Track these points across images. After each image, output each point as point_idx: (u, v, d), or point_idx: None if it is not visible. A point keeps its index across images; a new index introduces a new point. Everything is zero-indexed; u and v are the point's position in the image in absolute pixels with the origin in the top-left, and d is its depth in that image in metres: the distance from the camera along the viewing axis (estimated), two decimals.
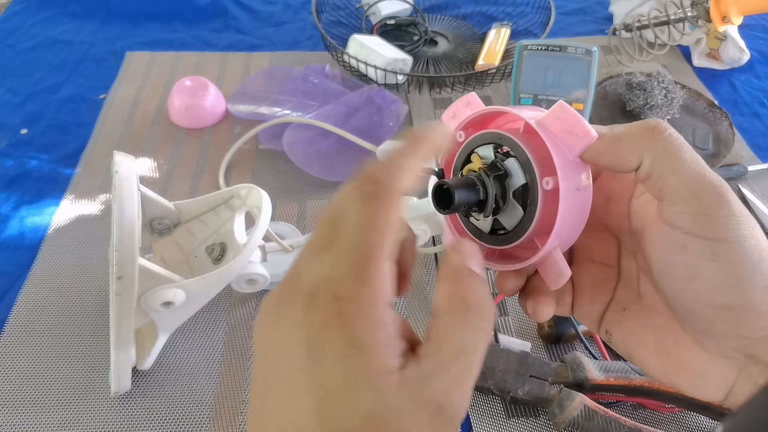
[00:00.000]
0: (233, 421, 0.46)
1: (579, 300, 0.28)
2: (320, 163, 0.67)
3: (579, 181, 0.25)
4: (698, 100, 0.75)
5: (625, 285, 0.28)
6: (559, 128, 0.24)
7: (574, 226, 0.26)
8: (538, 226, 0.25)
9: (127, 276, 0.39)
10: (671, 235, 0.23)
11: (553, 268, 0.26)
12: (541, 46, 0.60)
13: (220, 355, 0.50)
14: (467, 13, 0.95)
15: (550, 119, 0.24)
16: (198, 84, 0.73)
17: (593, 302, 0.28)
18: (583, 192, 0.25)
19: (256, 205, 0.48)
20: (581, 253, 0.29)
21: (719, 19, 0.75)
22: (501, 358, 0.47)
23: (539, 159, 0.25)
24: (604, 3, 0.98)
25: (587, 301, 0.28)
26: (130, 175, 0.41)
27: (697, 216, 0.22)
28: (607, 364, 0.46)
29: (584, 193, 0.25)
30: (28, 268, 0.56)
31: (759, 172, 0.69)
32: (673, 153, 0.23)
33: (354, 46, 0.77)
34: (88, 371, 0.49)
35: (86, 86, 0.79)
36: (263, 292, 0.55)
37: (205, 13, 0.93)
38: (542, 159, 0.25)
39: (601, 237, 0.29)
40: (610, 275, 0.28)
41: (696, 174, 0.22)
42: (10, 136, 0.71)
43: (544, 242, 0.25)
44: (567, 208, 0.24)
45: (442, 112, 0.28)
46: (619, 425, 0.43)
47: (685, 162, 0.23)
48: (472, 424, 0.47)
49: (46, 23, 0.90)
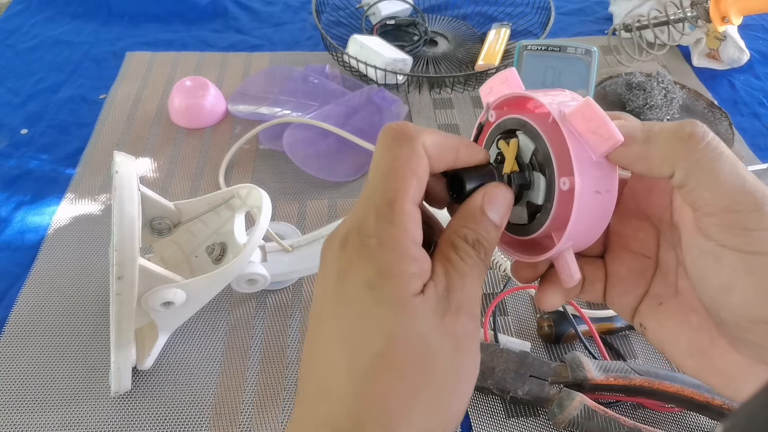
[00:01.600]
0: (233, 421, 0.46)
1: (611, 290, 0.28)
2: (320, 163, 0.67)
3: (600, 184, 0.23)
4: (698, 100, 0.75)
5: (663, 278, 0.27)
6: (584, 127, 0.23)
7: (591, 229, 0.25)
8: (555, 222, 0.24)
9: (127, 276, 0.39)
10: (706, 245, 0.22)
11: (564, 268, 0.25)
12: (541, 47, 0.60)
13: (220, 355, 0.50)
14: (467, 13, 0.95)
15: (576, 116, 0.23)
16: (198, 84, 0.73)
17: (627, 293, 0.27)
18: (604, 195, 0.23)
19: (256, 205, 0.48)
20: (617, 241, 0.28)
21: (719, 19, 0.75)
22: (501, 358, 0.47)
23: (562, 153, 0.23)
24: (604, 3, 0.98)
25: (620, 291, 0.27)
26: (130, 175, 0.41)
27: (734, 230, 0.21)
28: (607, 364, 0.46)
29: (605, 196, 0.24)
30: (29, 269, 0.56)
31: (759, 172, 0.69)
32: (710, 167, 0.21)
33: (354, 47, 0.77)
34: (88, 371, 0.49)
35: (86, 86, 0.79)
36: (263, 292, 0.55)
37: (206, 13, 0.93)
38: (566, 154, 0.23)
39: (640, 226, 0.27)
40: (646, 266, 0.27)
41: (734, 186, 0.21)
42: (11, 137, 0.71)
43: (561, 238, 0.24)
44: (582, 212, 0.23)
45: (442, 113, 0.28)
46: (619, 425, 0.43)
47: (723, 175, 0.21)
48: (471, 424, 0.47)
49: (47, 23, 0.90)
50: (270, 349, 0.51)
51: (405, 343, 0.21)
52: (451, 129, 0.74)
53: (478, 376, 0.23)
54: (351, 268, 0.22)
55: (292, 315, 0.54)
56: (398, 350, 0.21)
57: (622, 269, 0.27)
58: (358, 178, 0.67)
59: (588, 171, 0.23)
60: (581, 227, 0.24)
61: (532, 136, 0.25)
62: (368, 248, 0.22)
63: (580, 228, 0.24)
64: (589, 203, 0.23)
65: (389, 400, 0.21)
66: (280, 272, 0.53)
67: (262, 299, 0.55)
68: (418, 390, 0.21)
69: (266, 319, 0.53)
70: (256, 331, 0.52)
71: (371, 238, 0.22)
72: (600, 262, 0.28)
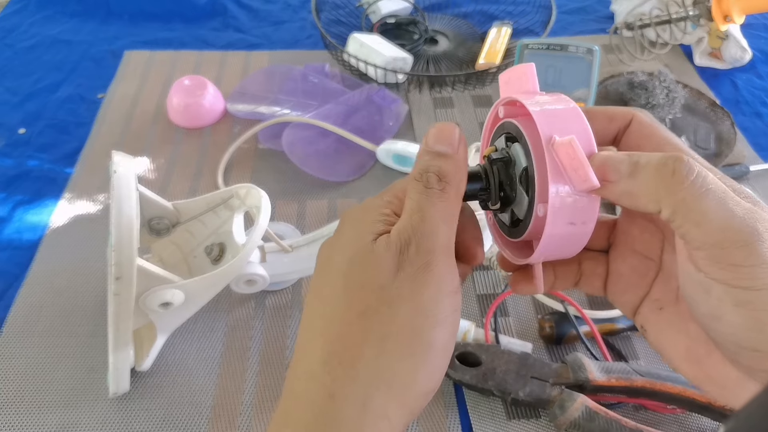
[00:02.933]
0: (232, 422, 0.46)
1: (612, 286, 0.28)
2: (320, 162, 0.67)
3: (576, 217, 0.23)
4: (700, 99, 0.75)
5: (664, 283, 0.26)
6: (567, 162, 0.23)
7: (563, 251, 0.25)
8: (533, 236, 0.25)
9: (125, 276, 0.39)
10: (696, 276, 0.22)
11: (536, 275, 0.26)
12: (542, 45, 0.60)
13: (219, 356, 0.50)
14: (468, 11, 0.94)
15: (561, 149, 0.23)
16: (197, 83, 0.72)
17: (627, 291, 0.27)
18: (579, 226, 0.24)
19: (255, 205, 0.47)
20: (623, 239, 0.28)
21: (721, 18, 0.75)
22: (502, 359, 0.47)
23: (545, 178, 0.23)
24: (606, 2, 0.98)
25: (621, 288, 0.28)
26: (128, 175, 0.41)
27: (722, 265, 0.21)
28: (609, 365, 0.46)
29: (580, 227, 0.24)
30: (27, 268, 0.56)
31: (761, 172, 0.68)
32: (695, 205, 0.21)
33: (354, 45, 0.77)
34: (86, 372, 0.49)
35: (85, 86, 0.79)
36: (263, 292, 0.54)
37: (204, 12, 0.93)
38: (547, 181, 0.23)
39: (646, 227, 0.27)
40: (649, 268, 0.27)
41: (722, 223, 0.20)
42: (9, 136, 0.71)
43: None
44: (551, 240, 0.23)
45: (442, 112, 0.28)
46: (621, 426, 0.43)
47: (710, 212, 0.21)
48: (472, 426, 0.46)
49: (45, 22, 0.90)
50: (269, 350, 0.51)
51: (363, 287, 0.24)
52: None
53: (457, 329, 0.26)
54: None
55: (292, 316, 0.53)
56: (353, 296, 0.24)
57: (624, 267, 0.28)
58: (357, 178, 0.67)
59: (565, 203, 0.23)
60: (552, 250, 0.25)
61: (525, 152, 0.25)
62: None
63: (550, 250, 0.24)
64: (561, 232, 0.24)
65: (351, 339, 0.23)
66: (279, 273, 0.52)
67: (261, 300, 0.54)
68: (374, 327, 0.23)
69: (265, 319, 0.53)
70: (255, 332, 0.52)
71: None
72: (603, 258, 0.28)
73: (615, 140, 0.26)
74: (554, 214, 0.23)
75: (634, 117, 0.25)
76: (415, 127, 0.73)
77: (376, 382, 0.23)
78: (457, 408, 0.47)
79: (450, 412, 0.47)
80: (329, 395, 0.23)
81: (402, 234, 0.24)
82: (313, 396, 0.23)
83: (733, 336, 0.21)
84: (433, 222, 0.24)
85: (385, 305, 0.23)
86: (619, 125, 0.26)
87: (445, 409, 0.47)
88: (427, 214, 0.24)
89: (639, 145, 0.25)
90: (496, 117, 0.27)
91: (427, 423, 0.47)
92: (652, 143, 0.24)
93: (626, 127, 0.25)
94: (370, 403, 0.23)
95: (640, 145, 0.25)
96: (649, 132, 0.25)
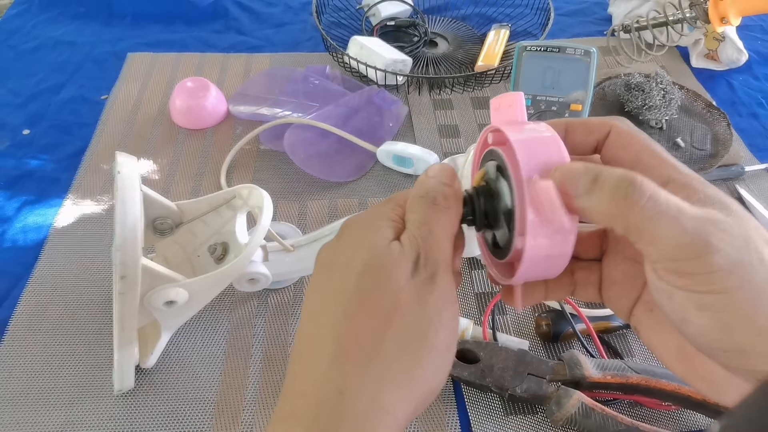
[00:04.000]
0: (236, 418, 0.47)
1: (607, 292, 0.29)
2: (321, 163, 0.68)
3: (552, 249, 0.24)
4: (696, 100, 0.76)
5: None
6: (546, 205, 0.23)
7: (545, 274, 0.26)
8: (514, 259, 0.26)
9: (130, 275, 0.39)
10: (658, 284, 0.23)
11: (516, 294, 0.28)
12: (540, 47, 0.61)
13: (222, 354, 0.51)
14: (467, 14, 0.95)
15: (543, 193, 0.23)
16: (199, 85, 0.73)
17: (621, 296, 0.28)
18: (556, 258, 0.24)
19: (258, 205, 0.48)
20: (614, 247, 0.29)
21: (718, 20, 0.76)
22: (499, 357, 0.47)
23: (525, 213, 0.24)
24: (603, 4, 0.98)
25: (615, 293, 0.28)
26: (132, 176, 0.42)
27: (679, 273, 0.21)
28: (605, 362, 0.47)
29: (556, 259, 0.24)
30: (31, 268, 0.57)
31: (757, 173, 0.69)
32: (647, 227, 0.21)
33: (354, 48, 0.78)
34: (91, 369, 0.49)
35: (88, 87, 0.79)
36: (265, 291, 0.55)
37: (206, 14, 0.93)
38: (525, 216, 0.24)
39: None
40: (639, 272, 0.27)
41: (673, 240, 0.21)
42: (12, 137, 0.71)
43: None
44: (529, 268, 0.24)
45: (442, 113, 0.29)
46: (616, 423, 0.44)
47: (661, 232, 0.21)
48: (470, 421, 0.47)
49: (48, 24, 0.91)
50: (272, 348, 0.51)
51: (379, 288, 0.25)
52: (451, 129, 0.74)
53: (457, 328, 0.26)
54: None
55: (294, 314, 0.54)
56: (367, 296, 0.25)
57: (617, 274, 0.28)
58: (358, 179, 0.68)
59: (540, 237, 0.24)
60: (532, 275, 0.26)
61: (509, 188, 0.25)
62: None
63: (530, 276, 0.26)
64: (539, 263, 0.25)
65: (363, 338, 0.24)
66: (281, 271, 0.53)
67: (264, 298, 0.55)
68: (386, 327, 0.24)
69: (268, 317, 0.54)
70: (257, 329, 0.53)
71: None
72: (595, 266, 0.29)
73: (596, 150, 0.27)
74: (531, 250, 0.24)
75: (612, 127, 0.26)
76: (414, 128, 0.74)
77: (386, 379, 0.24)
78: (456, 404, 0.48)
79: (448, 408, 0.48)
80: (338, 391, 0.24)
81: (413, 243, 0.26)
82: (320, 391, 0.24)
83: (702, 337, 0.22)
84: (440, 236, 0.26)
85: (397, 307, 0.24)
86: (598, 137, 0.26)
87: (444, 405, 0.48)
88: (434, 228, 0.26)
89: (617, 156, 0.26)
90: (485, 142, 0.28)
91: (426, 418, 0.47)
92: (630, 153, 0.25)
93: (606, 138, 0.26)
94: (379, 399, 0.24)
95: (617, 155, 0.26)
96: (627, 141, 0.25)
